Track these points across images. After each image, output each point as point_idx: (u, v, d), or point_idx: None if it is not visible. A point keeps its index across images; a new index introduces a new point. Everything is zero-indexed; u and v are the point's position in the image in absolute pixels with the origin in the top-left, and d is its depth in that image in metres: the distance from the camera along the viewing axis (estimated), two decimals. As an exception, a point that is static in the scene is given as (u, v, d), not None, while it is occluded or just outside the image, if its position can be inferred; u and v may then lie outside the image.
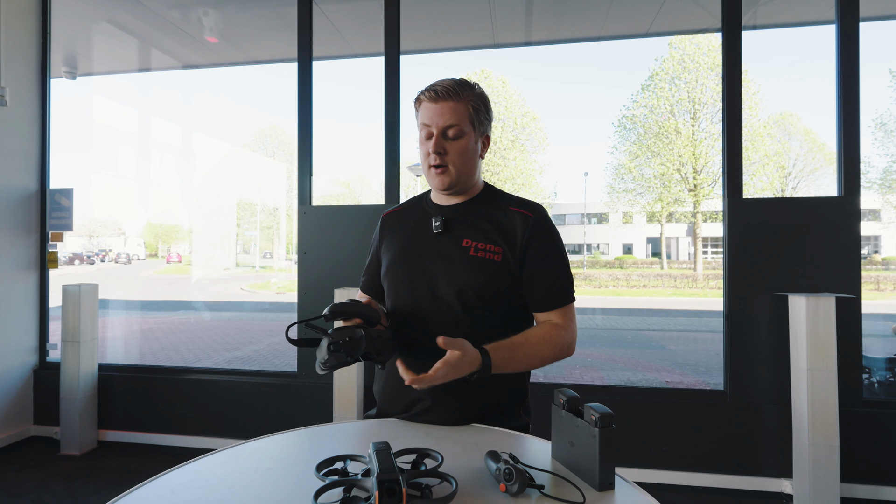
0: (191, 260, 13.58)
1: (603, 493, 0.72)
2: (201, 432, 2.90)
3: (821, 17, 3.52)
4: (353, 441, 0.95)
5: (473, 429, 1.01)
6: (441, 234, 1.12)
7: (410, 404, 1.07)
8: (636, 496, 0.72)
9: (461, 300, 1.06)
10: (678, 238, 20.33)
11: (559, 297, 1.10)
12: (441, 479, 0.71)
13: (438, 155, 1.08)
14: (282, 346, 6.09)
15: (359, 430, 1.01)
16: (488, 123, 1.17)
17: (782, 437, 2.38)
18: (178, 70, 4.29)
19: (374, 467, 0.67)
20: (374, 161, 15.50)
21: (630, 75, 19.61)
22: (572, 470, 0.78)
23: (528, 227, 1.10)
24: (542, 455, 0.85)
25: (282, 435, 0.96)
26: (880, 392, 2.86)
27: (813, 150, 16.50)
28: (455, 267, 1.08)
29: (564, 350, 1.08)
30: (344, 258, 2.76)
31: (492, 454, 0.78)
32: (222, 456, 0.85)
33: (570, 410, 0.80)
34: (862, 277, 2.38)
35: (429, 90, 1.10)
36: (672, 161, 15.55)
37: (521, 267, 1.09)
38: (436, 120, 1.08)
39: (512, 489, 0.69)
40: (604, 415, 0.72)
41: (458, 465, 0.79)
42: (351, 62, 4.47)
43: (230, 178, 13.66)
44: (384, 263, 1.20)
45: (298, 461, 0.82)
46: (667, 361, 5.49)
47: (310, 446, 0.90)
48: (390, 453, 0.70)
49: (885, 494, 2.30)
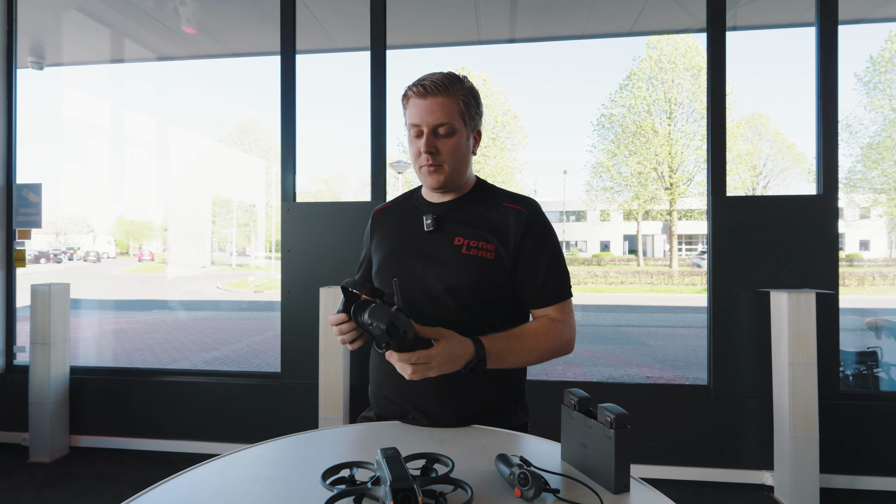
0: (164, 258, 13.23)
1: (619, 495, 0.70)
2: (180, 436, 2.81)
3: (796, 20, 3.61)
4: (356, 446, 0.92)
5: (476, 430, 0.98)
6: (432, 232, 1.10)
7: (409, 406, 1.04)
8: (652, 497, 0.71)
9: (454, 299, 1.03)
10: (654, 235, 20.75)
11: (555, 293, 1.08)
12: (455, 485, 0.68)
13: (430, 155, 1.05)
14: (262, 346, 5.97)
15: (359, 434, 0.98)
16: (479, 118, 1.14)
17: (764, 430, 2.44)
18: (153, 62, 4.14)
19: (385, 475, 0.64)
20: (353, 157, 15.31)
21: (610, 73, 19.87)
22: (584, 472, 0.77)
23: (522, 223, 1.07)
24: (551, 457, 0.84)
25: (280, 441, 0.91)
26: (854, 385, 2.95)
27: (783, 150, 17.03)
28: (446, 266, 1.05)
29: (564, 345, 1.06)
30: (329, 256, 2.71)
31: (502, 458, 0.76)
32: (218, 465, 0.81)
33: (581, 411, 0.78)
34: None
35: (416, 85, 1.06)
36: (649, 160, 15.83)
37: (515, 263, 1.07)
38: (425, 118, 1.04)
39: (528, 494, 0.67)
40: (619, 416, 0.71)
41: (468, 470, 0.76)
42: (331, 56, 4.38)
43: (206, 173, 13.33)
44: (375, 261, 1.18)
45: (301, 469, 0.79)
46: (647, 357, 5.58)
47: (311, 453, 0.86)
48: (401, 459, 0.68)
49: (862, 484, 2.37)
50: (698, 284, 14.40)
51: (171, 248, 12.73)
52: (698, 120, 15.46)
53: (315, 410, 2.58)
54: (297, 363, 2.73)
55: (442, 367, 0.89)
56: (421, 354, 0.86)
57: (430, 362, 0.87)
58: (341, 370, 2.51)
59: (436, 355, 0.87)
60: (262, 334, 7.04)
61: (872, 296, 12.10)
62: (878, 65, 13.31)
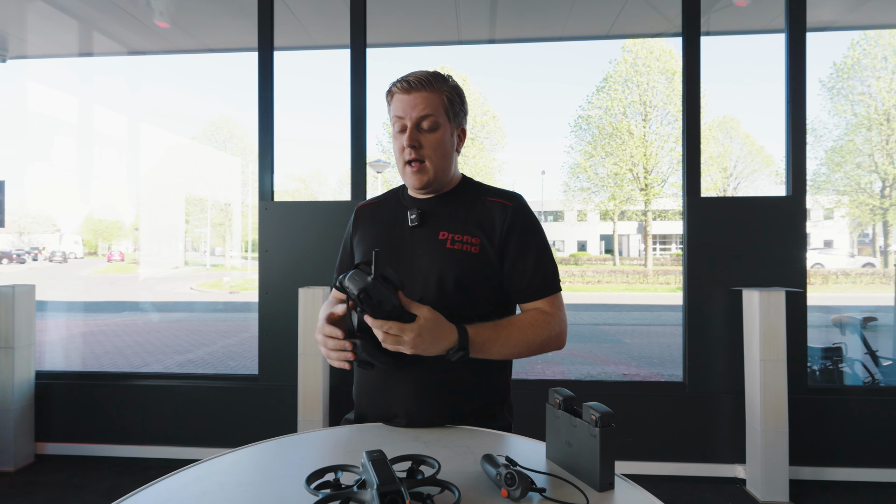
0: (135, 258, 12.86)
1: (604, 493, 0.71)
2: (153, 441, 2.73)
3: (766, 27, 3.72)
4: (340, 449, 0.91)
5: (461, 431, 0.98)
6: (417, 227, 1.09)
7: (392, 407, 1.03)
8: (636, 494, 0.72)
9: (438, 293, 1.02)
10: (629, 235, 21.16)
11: (543, 286, 1.08)
12: (442, 487, 0.68)
13: (413, 149, 1.05)
14: (238, 348, 5.85)
15: (343, 437, 0.96)
16: (464, 116, 1.14)
17: (736, 425, 2.50)
18: (124, 56, 4.01)
19: (371, 478, 0.63)
20: (331, 156, 15.18)
21: (587, 75, 20.15)
22: (569, 471, 0.77)
23: (507, 217, 1.08)
24: (536, 456, 0.84)
25: (261, 445, 0.90)
26: (821, 379, 3.06)
27: (752, 153, 17.57)
28: (431, 260, 1.05)
29: (553, 339, 1.06)
30: (308, 256, 2.67)
31: (488, 458, 0.76)
32: (197, 471, 0.79)
33: (566, 410, 0.79)
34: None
35: (401, 81, 1.06)
36: (625, 161, 16.12)
37: (501, 258, 1.07)
38: (409, 111, 1.04)
39: (514, 494, 0.67)
40: (604, 414, 0.72)
41: (453, 471, 0.76)
42: (309, 53, 4.32)
43: (179, 171, 13.01)
44: (357, 256, 1.16)
45: (284, 473, 0.77)
46: (623, 355, 5.68)
47: (293, 457, 0.84)
48: (387, 462, 0.67)
49: (828, 475, 2.46)
50: (672, 283, 14.73)
51: (143, 248, 12.39)
52: (672, 122, 15.82)
53: (294, 413, 2.54)
54: (276, 365, 2.69)
55: (416, 344, 0.88)
56: (394, 325, 0.86)
57: (401, 335, 0.87)
58: (321, 372, 2.48)
59: (409, 330, 0.87)
60: (237, 336, 6.90)
61: (835, 293, 12.56)
62: (841, 71, 13.84)
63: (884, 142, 13.53)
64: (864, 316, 3.27)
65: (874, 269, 14.42)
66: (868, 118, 13.68)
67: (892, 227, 13.96)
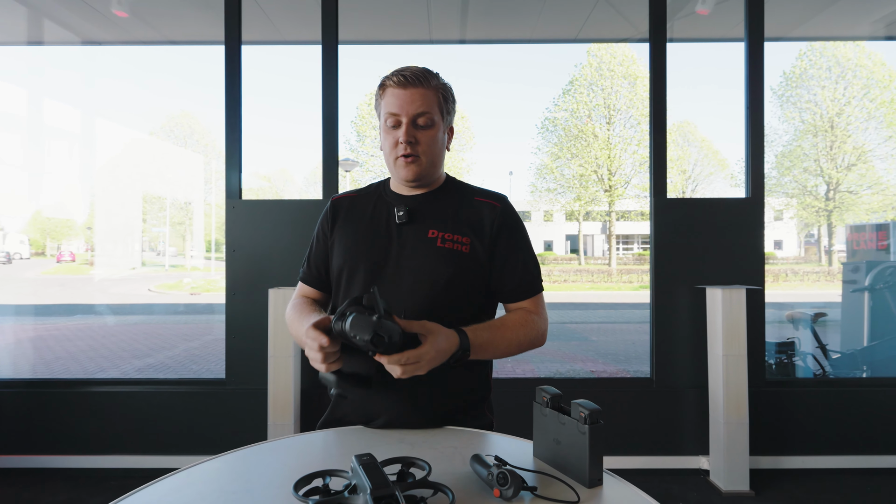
0: (88, 258, 12.24)
1: (593, 489, 0.72)
2: (111, 450, 2.60)
3: (725, 35, 3.88)
4: (324, 454, 0.89)
5: (445, 431, 0.98)
6: (404, 224, 1.08)
7: (374, 408, 1.02)
8: (624, 490, 0.73)
9: (430, 292, 1.02)
10: (594, 235, 21.66)
11: (530, 287, 1.10)
12: (435, 489, 0.67)
13: (410, 144, 1.03)
14: (201, 352, 5.64)
15: (325, 441, 0.94)
16: (453, 114, 1.14)
17: (700, 418, 2.60)
18: (78, 46, 3.81)
19: (363, 483, 0.62)
20: (297, 154, 14.87)
21: (554, 77, 20.46)
22: (558, 468, 0.78)
23: (497, 218, 1.09)
24: (524, 454, 0.85)
25: (241, 451, 0.86)
26: (776, 373, 3.21)
27: (708, 156, 18.32)
28: (422, 258, 1.04)
29: (538, 338, 1.08)
30: (278, 256, 2.60)
31: (477, 458, 0.75)
32: (174, 481, 0.75)
33: (554, 408, 0.79)
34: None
35: (396, 75, 1.04)
36: (590, 163, 16.50)
37: (490, 258, 1.08)
38: (406, 108, 1.03)
39: (507, 494, 0.68)
40: (593, 411, 0.73)
41: (443, 472, 0.76)
42: (276, 49, 4.23)
43: (135, 168, 12.47)
44: (339, 252, 1.11)
45: (268, 481, 0.75)
46: (590, 352, 5.81)
47: (277, 463, 0.82)
48: (378, 465, 0.66)
49: (785, 463, 2.59)
50: (635, 282, 15.18)
51: (97, 248, 11.81)
52: (635, 126, 16.29)
53: (264, 417, 2.48)
54: (244, 368, 2.61)
55: (430, 363, 0.87)
56: (411, 355, 0.83)
57: (419, 361, 0.85)
58: (292, 374, 2.43)
59: (425, 353, 0.85)
60: (200, 339, 6.66)
61: (785, 291, 13.22)
62: (790, 80, 14.61)
63: (828, 147, 14.36)
64: (815, 312, 3.45)
65: (821, 266, 15.30)
66: (814, 125, 14.49)
67: (835, 228, 14.82)
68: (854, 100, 14.10)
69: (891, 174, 13.79)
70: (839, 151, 14.26)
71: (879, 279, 3.50)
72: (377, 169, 15.88)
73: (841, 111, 14.18)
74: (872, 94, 13.94)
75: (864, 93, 14.07)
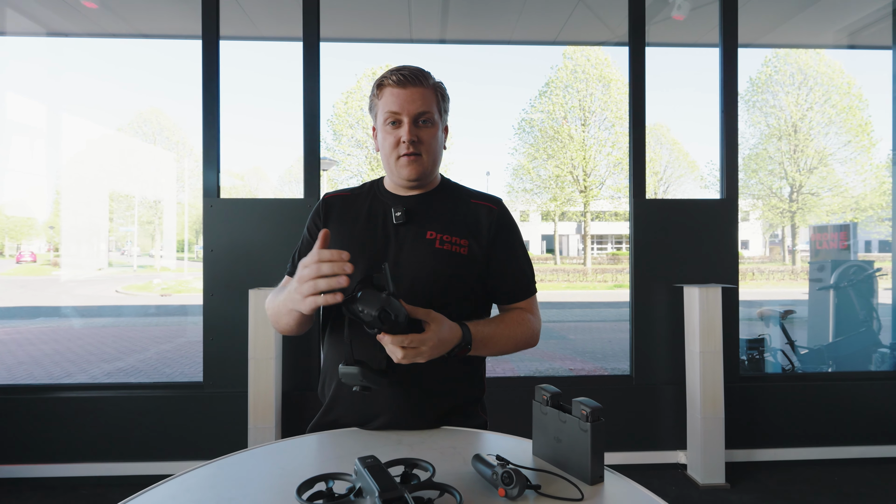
0: (50, 259, 11.75)
1: (595, 486, 0.73)
2: (82, 458, 2.50)
3: (698, 41, 3.99)
4: (322, 458, 0.87)
5: (443, 431, 0.98)
6: (402, 224, 1.07)
7: (372, 410, 1.01)
8: (626, 485, 0.74)
9: (428, 293, 1.01)
10: (569, 235, 21.98)
11: (525, 288, 1.13)
12: (441, 490, 0.67)
13: (413, 143, 1.03)
14: (173, 354, 5.47)
15: (321, 444, 0.93)
16: (448, 113, 1.14)
17: (678, 413, 2.66)
18: (42, 37, 3.64)
19: (370, 485, 0.61)
20: (271, 152, 14.56)
21: (531, 78, 20.66)
22: (559, 466, 0.79)
23: (494, 221, 1.10)
24: (523, 453, 0.85)
25: (235, 457, 0.84)
26: (749, 369, 3.32)
27: (679, 158, 18.82)
28: (421, 259, 1.03)
29: (533, 337, 1.10)
30: (258, 256, 2.55)
31: (479, 458, 0.75)
32: (168, 488, 0.73)
33: (554, 406, 0.80)
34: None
35: (394, 75, 1.04)
36: (565, 164, 16.74)
37: (487, 260, 1.08)
38: (407, 106, 1.02)
39: (512, 493, 0.68)
40: (594, 409, 0.74)
41: (446, 473, 0.75)
42: (250, 45, 4.14)
43: (102, 165, 12.03)
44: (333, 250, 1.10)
45: (268, 486, 0.73)
46: (568, 350, 5.89)
47: (274, 468, 0.80)
48: (384, 467, 0.65)
49: (758, 456, 2.67)
50: (609, 281, 15.46)
51: (61, 248, 11.35)
52: (609, 128, 16.60)
53: (243, 420, 2.43)
54: (222, 371, 2.55)
55: (432, 351, 0.87)
56: (413, 338, 0.83)
57: (420, 346, 0.84)
58: (273, 376, 2.38)
59: (427, 339, 0.85)
60: (172, 341, 6.46)
61: (752, 289, 13.66)
62: (756, 86, 15.14)
63: (791, 151, 14.94)
64: (785, 309, 3.58)
65: (785, 266, 15.89)
66: (779, 129, 15.05)
67: (798, 229, 15.42)
68: (816, 105, 14.71)
69: (849, 177, 14.43)
70: (802, 155, 14.85)
71: (844, 278, 3.65)
72: (354, 168, 15.75)
73: (804, 116, 14.77)
74: (833, 101, 14.57)
75: (824, 99, 14.70)
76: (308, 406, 2.55)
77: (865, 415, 2.72)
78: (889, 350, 3.25)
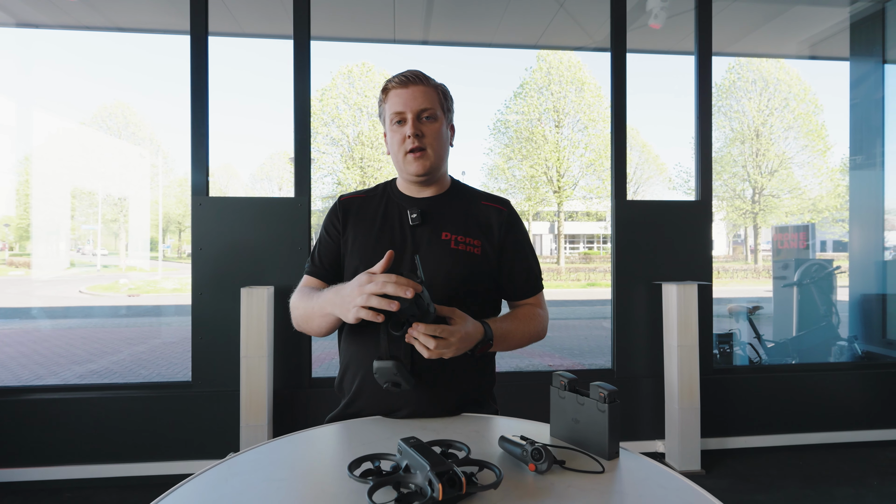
0: (5, 258, 11.20)
1: (612, 461, 0.81)
2: (64, 461, 2.44)
3: (673, 48, 4.17)
4: (357, 442, 0.91)
5: (462, 419, 1.04)
6: (417, 226, 1.12)
7: (396, 401, 1.05)
8: (638, 460, 0.82)
9: (445, 292, 1.06)
10: (542, 235, 22.33)
11: (536, 285, 1.20)
12: (480, 466, 0.73)
13: (417, 137, 1.08)
14: (148, 356, 5.32)
15: (350, 432, 0.97)
16: (452, 113, 1.20)
17: (657, 405, 2.80)
18: (12, 28, 3.52)
19: (418, 462, 0.67)
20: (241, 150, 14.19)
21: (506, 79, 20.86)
22: (576, 444, 0.86)
23: (504, 221, 1.16)
24: (541, 434, 0.92)
25: (273, 443, 0.88)
26: (720, 362, 3.50)
27: (648, 161, 19.37)
28: (438, 259, 1.08)
29: (542, 331, 1.18)
30: (248, 255, 2.55)
31: (505, 439, 0.82)
32: (218, 472, 0.76)
33: (571, 391, 0.87)
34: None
35: (397, 77, 1.10)
36: (540, 164, 17.01)
37: (498, 259, 1.14)
38: (409, 104, 1.08)
39: (542, 467, 0.74)
40: (611, 392, 0.81)
41: (478, 453, 0.81)
42: (228, 40, 4.08)
43: (63, 161, 11.55)
44: (355, 252, 1.13)
45: (315, 467, 0.77)
46: (546, 347, 6.03)
47: (314, 452, 0.84)
48: (428, 446, 0.71)
49: (730, 444, 2.83)
50: (583, 280, 15.81)
51: (18, 247, 10.83)
52: (582, 130, 16.96)
53: (235, 419, 2.43)
54: (212, 370, 2.54)
55: (459, 344, 0.92)
56: (444, 328, 0.89)
57: (450, 338, 0.90)
58: (265, 375, 2.39)
59: (455, 331, 0.91)
60: (146, 343, 6.28)
61: (718, 286, 14.17)
62: (720, 91, 15.74)
63: (754, 154, 15.61)
64: (752, 305, 3.79)
65: (748, 264, 16.59)
66: (742, 133, 15.70)
67: (760, 230, 16.12)
68: (776, 111, 15.42)
69: (808, 180, 15.20)
70: (763, 158, 15.55)
71: (806, 275, 3.89)
72: (328, 167, 15.62)
73: (765, 121, 15.46)
74: (791, 107, 15.30)
75: (783, 105, 15.43)
76: (298, 404, 2.56)
77: (826, 404, 2.92)
78: (847, 343, 3.49)
